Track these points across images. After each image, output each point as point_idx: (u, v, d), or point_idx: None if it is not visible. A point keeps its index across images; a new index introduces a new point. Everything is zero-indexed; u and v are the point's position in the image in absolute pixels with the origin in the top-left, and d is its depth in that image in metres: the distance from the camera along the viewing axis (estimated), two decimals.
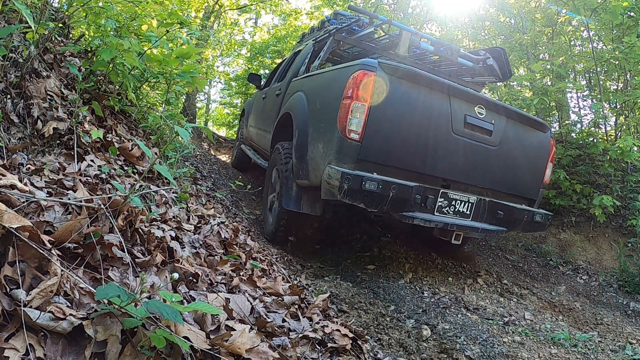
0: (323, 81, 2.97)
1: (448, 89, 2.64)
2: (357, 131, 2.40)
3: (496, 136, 2.80)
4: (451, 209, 2.69)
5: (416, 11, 10.68)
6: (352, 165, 2.42)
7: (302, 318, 1.56)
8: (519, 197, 3.08)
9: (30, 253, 0.98)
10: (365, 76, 2.41)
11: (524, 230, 3.09)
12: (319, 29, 4.31)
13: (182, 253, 1.56)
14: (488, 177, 2.85)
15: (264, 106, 4.74)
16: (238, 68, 14.99)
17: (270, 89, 4.73)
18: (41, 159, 1.59)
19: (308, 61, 3.76)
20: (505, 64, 3.64)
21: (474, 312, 2.58)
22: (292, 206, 2.91)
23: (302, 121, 2.93)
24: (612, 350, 2.29)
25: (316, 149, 2.63)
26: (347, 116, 2.39)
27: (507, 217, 2.85)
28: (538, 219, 2.99)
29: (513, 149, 2.91)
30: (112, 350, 0.92)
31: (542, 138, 3.09)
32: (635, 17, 5.00)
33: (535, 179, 3.11)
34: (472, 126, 2.70)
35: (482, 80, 3.98)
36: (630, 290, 3.74)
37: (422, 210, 2.59)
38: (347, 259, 3.35)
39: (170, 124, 2.48)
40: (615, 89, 6.12)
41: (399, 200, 2.41)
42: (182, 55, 2.32)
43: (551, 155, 3.15)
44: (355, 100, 2.40)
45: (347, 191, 2.30)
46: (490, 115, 2.78)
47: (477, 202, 2.77)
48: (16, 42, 1.83)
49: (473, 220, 2.78)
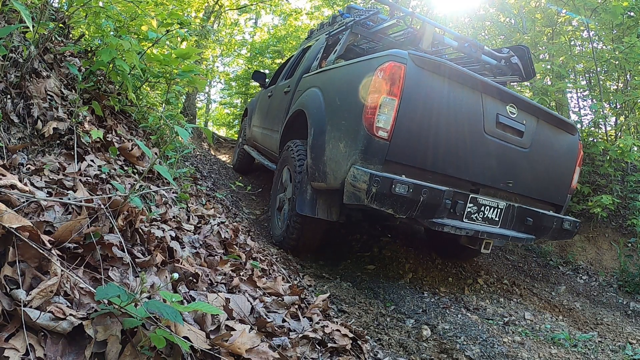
0: (343, 75, 2.75)
1: (481, 85, 2.46)
2: (386, 128, 2.19)
3: (527, 138, 2.63)
4: (480, 215, 2.50)
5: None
6: (379, 166, 2.22)
7: (302, 318, 1.56)
8: (546, 203, 2.93)
9: (30, 253, 0.98)
10: (395, 68, 2.20)
11: (552, 238, 2.93)
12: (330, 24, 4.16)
13: (182, 253, 1.56)
14: (518, 181, 2.68)
15: (270, 105, 4.58)
16: (238, 68, 15.01)
17: (277, 87, 4.56)
18: (41, 159, 1.59)
19: (321, 56, 3.59)
20: (529, 63, 3.48)
21: (474, 312, 2.58)
22: (306, 210, 2.69)
23: (318, 119, 2.74)
24: (612, 350, 2.29)
25: (336, 149, 2.44)
26: (375, 112, 2.19)
27: (536, 224, 2.69)
28: (567, 227, 2.84)
29: (544, 151, 2.76)
30: (112, 350, 0.92)
31: (571, 141, 2.94)
32: (635, 17, 5.00)
33: (563, 184, 2.95)
34: (504, 126, 2.52)
35: (504, 79, 3.77)
36: (630, 290, 3.74)
37: (451, 217, 2.39)
38: (347, 259, 3.35)
39: (170, 124, 2.48)
40: (615, 89, 6.12)
41: (429, 206, 2.21)
42: (182, 56, 2.32)
43: (579, 159, 3.01)
44: (384, 94, 2.19)
45: (375, 195, 2.09)
46: (522, 115, 2.61)
47: (506, 208, 2.59)
48: (16, 42, 1.83)
49: (502, 227, 2.61)
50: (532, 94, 6.13)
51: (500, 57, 3.53)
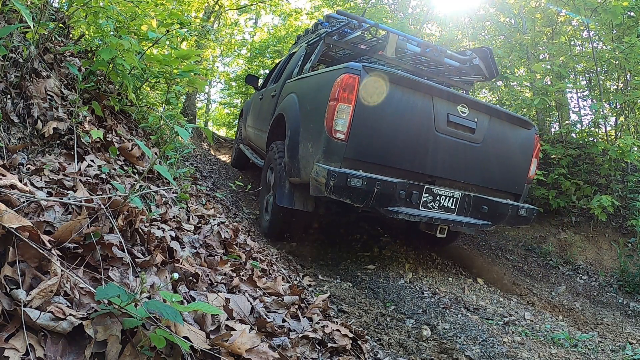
0: (313, 83, 3.07)
1: (430, 89, 2.74)
2: (343, 131, 2.50)
3: (479, 134, 2.89)
4: (436, 204, 2.78)
5: (416, 11, 10.67)
6: (338, 163, 2.52)
7: (302, 318, 1.56)
8: (504, 192, 3.16)
9: (30, 253, 0.98)
10: (350, 79, 2.51)
11: (509, 224, 3.18)
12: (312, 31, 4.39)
13: (182, 253, 1.56)
14: (472, 173, 2.94)
15: (261, 107, 4.87)
16: (238, 68, 15.00)
17: (267, 90, 4.84)
18: (41, 159, 1.59)
19: (301, 63, 3.85)
20: (491, 63, 3.75)
21: (474, 312, 2.58)
22: (285, 203, 3.00)
23: (294, 122, 3.03)
24: (612, 350, 2.29)
25: (306, 149, 2.74)
26: (333, 117, 2.50)
27: (492, 211, 2.94)
28: (523, 213, 3.06)
29: (497, 146, 2.99)
30: (112, 350, 0.92)
31: (527, 135, 3.16)
32: (635, 17, 5.00)
33: (520, 175, 3.19)
34: (455, 124, 2.79)
35: (470, 79, 4.10)
36: (630, 290, 3.74)
37: (408, 206, 2.69)
38: (347, 259, 3.35)
39: (170, 124, 2.47)
40: (615, 89, 6.12)
41: (383, 196, 2.50)
42: (182, 56, 2.32)
43: (536, 152, 3.23)
44: (340, 102, 2.50)
45: (333, 188, 2.40)
46: (473, 114, 2.86)
47: (461, 197, 2.86)
48: (16, 42, 1.83)
49: (458, 214, 2.87)
50: (532, 94, 6.13)
51: (462, 59, 3.80)
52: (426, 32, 9.84)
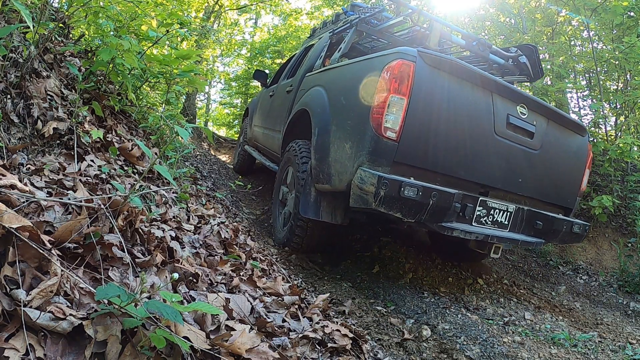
0: (349, 74, 2.66)
1: (492, 84, 2.38)
2: (394, 129, 2.10)
3: (537, 139, 2.55)
4: (489, 218, 2.42)
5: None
6: (387, 168, 2.13)
7: (302, 318, 1.56)
8: (556, 205, 2.86)
9: (30, 253, 0.98)
10: (404, 66, 2.11)
11: (562, 241, 2.86)
12: (333, 22, 4.11)
13: (182, 253, 1.56)
14: (527, 184, 2.59)
15: (272, 104, 4.51)
16: (238, 68, 15.02)
17: (279, 86, 4.48)
18: (41, 159, 1.59)
19: (324, 55, 3.53)
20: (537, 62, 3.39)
21: (474, 312, 2.58)
22: (310, 213, 2.60)
23: (323, 118, 2.66)
24: (612, 350, 2.29)
25: (341, 150, 2.35)
26: (384, 112, 2.10)
27: (546, 227, 2.62)
28: (577, 230, 2.76)
29: (554, 153, 2.68)
30: (112, 350, 0.92)
31: (581, 142, 2.86)
32: (635, 17, 5.00)
33: (572, 187, 2.88)
34: (515, 127, 2.45)
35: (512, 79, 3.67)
36: (630, 290, 3.74)
37: (460, 220, 2.31)
38: (347, 259, 3.35)
39: (170, 124, 2.47)
40: (615, 89, 6.12)
41: (439, 209, 2.13)
42: (182, 56, 2.32)
43: (589, 161, 2.94)
44: (392, 93, 2.10)
45: (383, 198, 2.00)
46: (532, 116, 2.54)
47: (515, 211, 2.51)
48: (16, 42, 1.83)
49: (511, 231, 2.53)
50: (532, 93, 6.13)
51: (508, 56, 3.44)
52: None
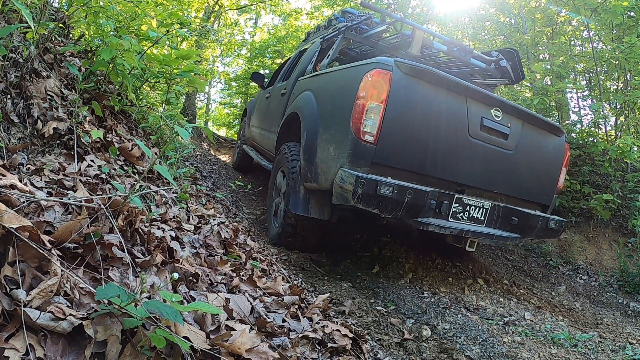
0: (334, 80, 2.87)
1: (465, 90, 2.57)
2: (372, 133, 2.31)
3: (512, 140, 2.73)
4: (465, 214, 2.60)
5: (416, 11, 10.66)
6: (366, 168, 2.33)
7: (302, 318, 1.56)
8: (532, 202, 3.01)
9: (30, 253, 0.98)
10: (381, 75, 2.31)
11: (538, 237, 3.00)
12: (325, 27, 4.21)
13: (182, 253, 1.56)
14: (503, 182, 2.77)
15: (268, 106, 4.65)
16: (238, 68, 15.01)
17: (275, 88, 4.63)
18: (41, 159, 1.59)
19: (315, 59, 3.67)
20: (518, 66, 3.56)
21: (474, 312, 2.58)
22: (299, 210, 2.80)
23: (311, 121, 2.84)
24: (612, 350, 2.29)
25: (327, 151, 2.54)
26: (362, 117, 2.30)
27: (522, 223, 2.78)
28: (552, 226, 2.92)
29: (529, 153, 2.85)
30: (112, 350, 0.92)
31: (557, 142, 3.02)
32: (635, 17, 5.00)
33: (549, 185, 3.04)
34: (489, 129, 2.63)
35: (494, 82, 3.87)
36: (630, 290, 3.74)
37: (437, 216, 2.49)
38: (347, 259, 3.35)
39: (170, 124, 2.47)
40: (615, 89, 6.12)
41: (414, 206, 2.31)
42: (182, 56, 2.32)
43: (565, 160, 3.08)
44: (370, 100, 2.31)
45: (361, 196, 2.20)
46: (507, 118, 2.70)
47: (491, 207, 2.68)
48: (16, 42, 1.83)
49: (487, 226, 2.69)
50: (532, 94, 6.13)
51: (489, 60, 3.60)
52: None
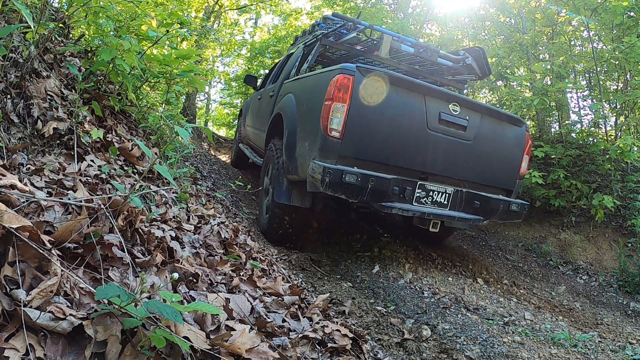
0: (309, 84, 3.17)
1: (422, 88, 2.84)
2: (338, 129, 2.61)
3: (471, 131, 2.98)
4: (429, 199, 2.89)
5: (416, 11, 10.67)
6: (334, 160, 2.63)
7: (302, 318, 1.56)
8: (496, 188, 3.26)
9: (30, 253, 0.98)
10: (344, 79, 2.61)
11: (501, 219, 3.25)
12: (310, 32, 4.47)
13: (182, 253, 1.56)
14: (464, 170, 3.04)
15: (260, 106, 4.97)
16: (238, 68, 15.01)
17: (265, 90, 4.95)
18: (41, 159, 1.59)
19: (298, 64, 3.94)
20: (484, 63, 3.85)
21: (474, 312, 2.58)
22: (283, 199, 3.11)
23: (292, 121, 3.13)
24: (612, 350, 2.29)
25: (303, 147, 2.83)
26: (329, 116, 2.60)
27: (484, 206, 3.04)
28: (514, 208, 3.16)
29: (488, 143, 3.10)
30: (112, 350, 0.92)
31: (518, 132, 3.26)
32: (635, 17, 5.00)
33: (511, 171, 3.29)
34: (447, 122, 2.89)
35: (463, 78, 4.24)
36: (630, 290, 3.74)
37: (401, 201, 2.79)
38: (347, 259, 3.35)
39: (170, 124, 2.47)
40: (615, 89, 6.11)
41: (377, 192, 2.60)
42: (182, 56, 2.32)
43: (527, 148, 3.32)
44: (335, 101, 2.60)
45: (328, 184, 2.50)
46: (465, 112, 2.96)
47: (454, 192, 2.97)
48: (16, 42, 1.83)
49: (451, 209, 2.97)
50: (532, 94, 6.13)
51: (455, 59, 3.91)
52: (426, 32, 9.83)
